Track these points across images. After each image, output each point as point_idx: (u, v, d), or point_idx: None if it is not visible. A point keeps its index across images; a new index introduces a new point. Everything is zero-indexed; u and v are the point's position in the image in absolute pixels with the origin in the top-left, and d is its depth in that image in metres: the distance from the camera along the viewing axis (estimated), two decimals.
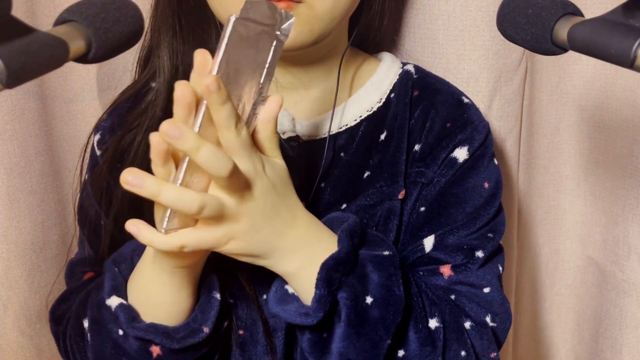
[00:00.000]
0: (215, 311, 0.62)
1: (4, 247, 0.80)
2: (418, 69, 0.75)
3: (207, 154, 0.48)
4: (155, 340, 0.61)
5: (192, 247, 0.53)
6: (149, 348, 0.61)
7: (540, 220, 0.97)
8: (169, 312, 0.62)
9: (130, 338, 0.61)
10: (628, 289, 0.90)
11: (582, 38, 0.44)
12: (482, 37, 0.80)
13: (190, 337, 0.61)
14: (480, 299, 0.67)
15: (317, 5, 0.61)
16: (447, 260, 0.67)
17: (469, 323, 0.66)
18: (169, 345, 0.61)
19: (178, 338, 0.61)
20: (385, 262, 0.61)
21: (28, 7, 0.79)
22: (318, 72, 0.71)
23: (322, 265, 0.58)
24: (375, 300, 0.59)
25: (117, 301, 0.62)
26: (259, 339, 0.69)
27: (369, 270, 0.60)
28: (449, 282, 0.67)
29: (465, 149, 0.69)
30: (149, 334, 0.60)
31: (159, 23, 0.68)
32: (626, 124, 0.87)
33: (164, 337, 0.61)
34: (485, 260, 0.68)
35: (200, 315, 0.62)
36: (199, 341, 0.61)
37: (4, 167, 0.78)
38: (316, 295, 0.57)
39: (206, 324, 0.61)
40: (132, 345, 0.62)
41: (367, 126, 0.71)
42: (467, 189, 0.69)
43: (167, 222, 0.52)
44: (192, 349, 0.62)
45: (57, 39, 0.41)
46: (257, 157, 0.54)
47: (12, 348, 0.83)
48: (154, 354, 0.62)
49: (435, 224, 0.68)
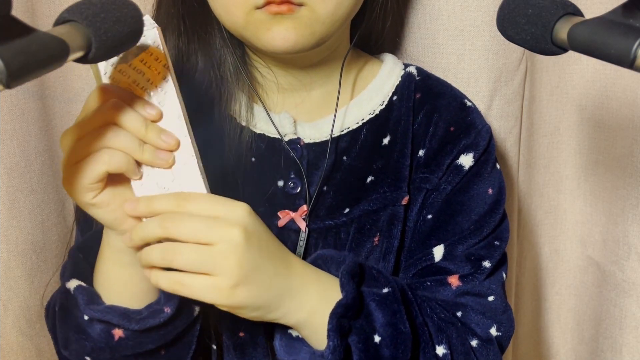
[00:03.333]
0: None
1: (4, 247, 0.80)
2: (420, 70, 0.75)
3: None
4: (113, 321, 0.60)
5: (192, 296, 0.54)
6: (111, 331, 0.61)
7: (540, 220, 0.97)
8: (130, 294, 0.62)
9: (93, 322, 0.61)
10: (628, 289, 0.90)
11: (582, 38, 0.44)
12: (482, 37, 0.80)
13: (150, 317, 0.60)
14: (485, 308, 0.67)
15: (318, 8, 0.61)
16: (455, 270, 0.67)
17: (476, 341, 0.66)
18: (127, 326, 0.60)
19: (137, 319, 0.60)
20: (388, 299, 0.61)
21: (28, 7, 0.79)
22: (320, 74, 0.71)
23: (332, 314, 0.57)
24: (384, 340, 0.59)
25: (76, 283, 0.62)
26: (259, 341, 0.69)
27: (372, 309, 0.60)
28: (457, 292, 0.67)
29: (470, 155, 0.69)
30: (106, 315, 0.60)
31: (164, 24, 0.68)
32: (626, 124, 0.87)
33: (122, 317, 0.60)
34: (492, 270, 0.68)
35: (163, 296, 0.62)
36: (159, 322, 0.61)
37: (4, 167, 0.78)
38: (330, 347, 0.57)
39: (168, 304, 0.61)
40: (95, 328, 0.61)
41: (370, 129, 0.71)
42: (473, 196, 0.69)
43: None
44: (155, 330, 0.61)
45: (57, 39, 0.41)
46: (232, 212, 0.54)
47: (12, 348, 0.83)
48: (115, 336, 0.61)
49: (443, 232, 0.68)
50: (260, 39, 0.61)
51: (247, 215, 0.54)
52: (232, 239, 0.53)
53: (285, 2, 0.59)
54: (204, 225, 0.53)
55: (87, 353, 0.62)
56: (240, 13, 0.61)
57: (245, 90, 0.70)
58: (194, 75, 0.68)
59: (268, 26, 0.60)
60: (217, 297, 0.54)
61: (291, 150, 0.68)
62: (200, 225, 0.53)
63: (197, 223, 0.53)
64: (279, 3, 0.59)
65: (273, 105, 0.71)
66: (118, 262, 0.61)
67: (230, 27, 0.65)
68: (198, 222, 0.53)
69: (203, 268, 0.53)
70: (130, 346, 0.61)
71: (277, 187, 0.69)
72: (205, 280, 0.53)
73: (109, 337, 0.61)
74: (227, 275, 0.53)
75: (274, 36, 0.60)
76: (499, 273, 0.69)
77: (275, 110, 0.71)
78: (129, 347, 0.61)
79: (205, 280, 0.53)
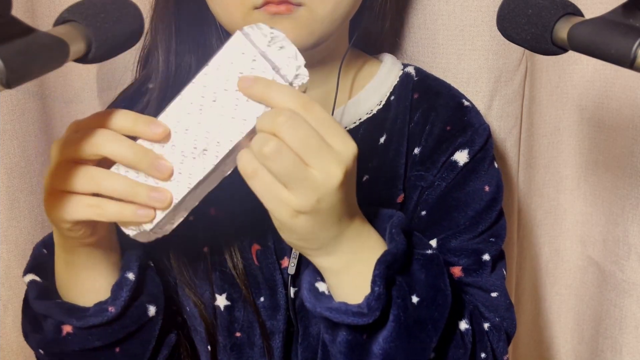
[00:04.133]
0: (125, 291, 0.61)
1: (4, 247, 0.80)
2: (419, 70, 0.75)
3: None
4: (55, 317, 0.61)
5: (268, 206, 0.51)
6: (61, 326, 0.61)
7: (540, 220, 0.97)
8: (81, 292, 0.62)
9: (47, 317, 0.62)
10: (628, 289, 0.90)
11: (582, 38, 0.44)
12: (482, 37, 0.80)
13: (94, 316, 0.60)
14: (489, 302, 0.67)
15: (317, 8, 0.60)
16: (454, 261, 0.67)
17: (488, 325, 0.66)
18: (69, 322, 0.60)
19: (80, 316, 0.60)
20: (432, 261, 0.60)
21: (28, 7, 0.79)
22: (318, 74, 0.71)
23: (379, 261, 0.55)
24: (423, 300, 0.58)
25: (30, 278, 0.63)
26: (256, 342, 0.69)
27: (415, 269, 0.59)
28: (459, 283, 0.67)
29: (465, 152, 0.69)
30: (49, 310, 0.61)
31: (157, 24, 0.68)
32: (626, 124, 0.87)
33: (65, 314, 0.60)
34: (493, 264, 0.68)
35: (110, 295, 0.61)
36: (102, 321, 0.60)
37: (4, 167, 0.78)
38: (375, 292, 0.54)
39: (114, 303, 0.61)
40: (47, 322, 0.62)
41: (367, 129, 0.71)
42: (468, 193, 0.68)
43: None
44: (99, 328, 0.61)
45: (57, 39, 0.41)
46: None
47: (12, 348, 0.83)
48: (63, 331, 0.61)
49: (437, 228, 0.68)
50: None
51: (353, 159, 0.51)
52: (329, 176, 0.50)
53: (283, 2, 0.59)
54: (315, 147, 0.49)
55: (40, 346, 0.63)
56: (238, 13, 0.61)
57: None
58: (186, 76, 0.68)
59: None
60: (280, 210, 0.51)
61: None
62: (313, 143, 0.49)
63: (312, 140, 0.49)
64: (278, 3, 0.59)
65: None
66: (66, 262, 0.61)
67: (228, 27, 0.64)
68: (313, 139, 0.49)
69: (289, 180, 0.50)
70: (76, 342, 0.62)
71: None
72: (281, 190, 0.50)
73: (57, 332, 0.61)
74: (301, 201, 0.50)
75: None
76: (499, 269, 0.69)
77: None
78: (75, 343, 0.62)
79: (281, 191, 0.50)
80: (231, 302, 0.68)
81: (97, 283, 0.62)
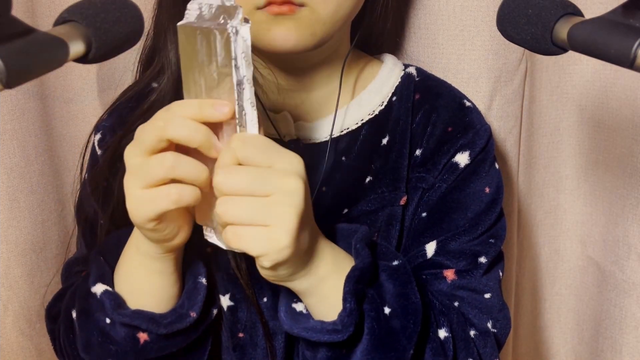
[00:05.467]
0: (202, 296, 0.62)
1: (4, 247, 0.80)
2: (420, 71, 0.75)
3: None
4: (142, 326, 0.60)
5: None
6: (136, 334, 0.61)
7: (540, 220, 0.97)
8: (156, 300, 0.62)
9: (117, 325, 0.61)
10: (628, 289, 0.90)
11: (582, 38, 0.44)
12: (482, 37, 0.80)
13: (177, 322, 0.61)
14: (481, 304, 0.67)
15: (319, 8, 0.60)
16: (450, 264, 0.67)
17: (474, 332, 0.66)
18: (155, 330, 0.60)
19: (165, 324, 0.60)
20: (399, 271, 0.61)
21: (28, 7, 0.79)
22: (320, 75, 0.71)
23: (348, 278, 0.56)
24: (394, 311, 0.59)
25: (102, 288, 0.62)
26: (259, 342, 0.69)
27: (383, 280, 0.60)
28: (452, 286, 0.67)
29: (466, 153, 0.69)
30: (134, 320, 0.60)
31: (165, 24, 0.68)
32: (626, 124, 0.87)
33: (151, 322, 0.60)
34: (489, 266, 0.68)
35: (187, 301, 0.62)
36: (186, 326, 0.61)
37: (4, 167, 0.78)
38: (346, 309, 0.56)
39: (193, 308, 0.61)
40: (120, 332, 0.61)
41: (369, 130, 0.71)
42: (468, 194, 0.68)
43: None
44: (180, 334, 0.62)
45: (57, 39, 0.41)
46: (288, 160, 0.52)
47: (12, 348, 0.83)
48: (141, 340, 0.61)
49: (437, 229, 0.68)
50: (261, 40, 0.61)
51: (302, 166, 0.52)
52: (290, 188, 0.50)
53: (286, 3, 0.59)
54: (260, 178, 0.50)
55: (110, 356, 0.62)
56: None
57: None
58: None
59: (269, 27, 0.60)
60: (270, 247, 0.51)
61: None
62: (256, 177, 0.50)
63: (253, 174, 0.50)
64: (280, 3, 0.59)
65: (273, 106, 0.71)
66: (144, 268, 0.60)
67: None
68: (254, 174, 0.50)
69: (258, 220, 0.50)
70: (154, 349, 0.62)
71: None
72: (259, 230, 0.50)
73: (134, 342, 0.61)
74: (284, 227, 0.50)
75: (274, 37, 0.60)
76: (495, 270, 0.69)
77: (275, 110, 0.71)
78: (153, 351, 0.62)
79: (260, 231, 0.50)
80: (234, 302, 0.68)
81: (169, 291, 0.62)
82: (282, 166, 0.51)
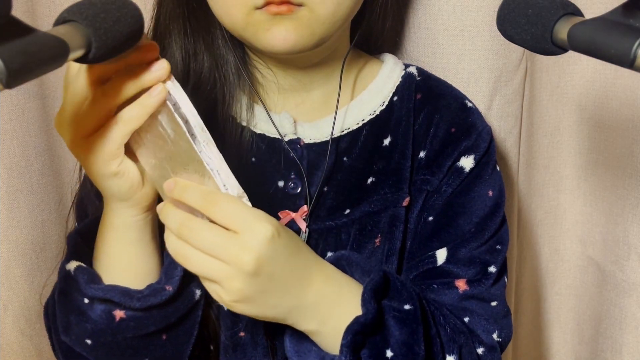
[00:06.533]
0: (179, 270, 0.62)
1: (4, 247, 0.80)
2: (421, 71, 0.75)
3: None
4: (114, 299, 0.60)
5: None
6: (112, 312, 0.61)
7: (540, 220, 0.97)
8: (133, 274, 0.62)
9: (95, 303, 0.61)
10: (628, 289, 0.90)
11: (582, 38, 0.44)
12: (482, 37, 0.80)
13: (152, 296, 0.61)
14: (488, 313, 0.68)
15: (318, 8, 0.60)
16: (462, 273, 0.67)
17: (482, 349, 0.67)
18: (129, 304, 0.60)
19: (139, 297, 0.61)
20: (408, 318, 0.60)
21: (28, 7, 0.79)
22: (320, 75, 0.71)
23: (348, 329, 0.56)
24: (396, 356, 0.59)
25: (75, 264, 0.63)
26: (260, 341, 0.69)
27: (390, 325, 0.59)
28: (463, 296, 0.67)
29: (471, 157, 0.69)
30: (107, 293, 0.60)
31: (169, 25, 0.68)
32: (626, 124, 0.87)
33: (124, 295, 0.60)
34: (498, 275, 0.69)
35: (164, 276, 0.62)
36: (161, 300, 0.61)
37: (4, 167, 0.78)
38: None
39: (169, 282, 0.61)
40: (96, 310, 0.61)
41: (370, 130, 0.71)
42: (473, 198, 0.69)
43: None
44: (156, 309, 0.61)
45: (57, 39, 0.41)
46: (260, 224, 0.53)
47: (12, 348, 0.83)
48: (117, 317, 0.61)
49: (445, 234, 0.68)
50: (260, 40, 0.61)
51: (266, 241, 0.52)
52: (241, 267, 0.51)
53: (285, 3, 0.59)
54: (218, 243, 0.52)
55: (87, 336, 0.62)
56: (239, 14, 0.61)
57: (246, 91, 0.70)
58: (200, 74, 0.68)
59: (268, 26, 0.60)
60: (219, 301, 0.54)
61: (291, 151, 0.68)
62: (215, 241, 0.52)
63: (212, 238, 0.52)
64: (279, 3, 0.59)
65: (273, 106, 0.71)
66: (124, 240, 0.61)
67: (230, 28, 0.64)
68: (214, 237, 0.52)
69: (209, 276, 0.53)
70: (131, 327, 0.62)
71: (278, 187, 0.69)
72: (210, 283, 0.54)
73: (110, 318, 0.61)
74: (229, 293, 0.53)
75: (273, 36, 0.60)
76: (502, 279, 0.70)
77: (275, 110, 0.71)
78: (130, 329, 0.62)
79: (210, 284, 0.54)
80: None
81: (148, 264, 0.62)
82: (246, 239, 0.52)
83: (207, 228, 0.52)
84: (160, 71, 0.53)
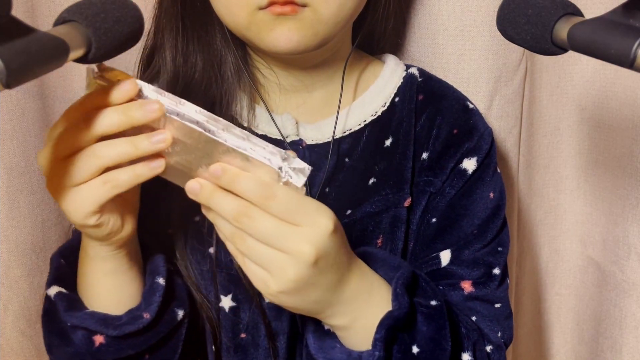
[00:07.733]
0: (157, 296, 0.61)
1: (4, 247, 0.80)
2: (422, 72, 0.75)
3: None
4: (91, 327, 0.60)
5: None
6: (92, 337, 0.61)
7: (540, 220, 0.97)
8: (114, 301, 0.62)
9: (77, 328, 0.61)
10: (628, 289, 0.90)
11: (582, 38, 0.44)
12: (482, 37, 0.80)
13: (129, 324, 0.60)
14: (492, 314, 0.68)
15: (321, 9, 0.60)
16: (466, 275, 0.67)
17: (490, 347, 0.67)
18: (106, 332, 0.60)
19: (116, 325, 0.60)
20: (436, 314, 0.60)
21: (28, 7, 0.79)
22: (321, 75, 0.71)
23: (381, 324, 0.56)
24: (423, 352, 0.59)
25: (56, 290, 0.63)
26: (261, 343, 0.69)
27: (419, 321, 0.60)
28: (468, 297, 0.67)
29: (474, 159, 0.69)
30: (84, 321, 0.60)
31: (163, 23, 0.68)
32: (626, 124, 0.87)
33: (100, 324, 0.60)
34: (502, 277, 0.69)
35: (143, 302, 0.62)
36: (138, 328, 0.61)
37: (4, 167, 0.78)
38: (374, 356, 0.56)
39: (148, 309, 0.61)
40: (77, 334, 0.61)
41: (372, 131, 0.71)
42: (475, 200, 0.69)
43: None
44: (134, 336, 0.61)
45: (57, 39, 0.41)
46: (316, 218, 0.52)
47: (12, 348, 0.83)
48: (96, 342, 0.61)
49: (448, 236, 0.69)
50: (263, 40, 0.61)
51: (326, 234, 0.51)
52: (300, 258, 0.51)
53: (288, 3, 0.59)
54: (279, 234, 0.50)
55: (68, 358, 0.63)
56: (243, 13, 0.61)
57: (247, 91, 0.70)
58: (193, 75, 0.68)
59: (271, 27, 0.60)
60: (263, 290, 0.53)
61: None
62: (275, 232, 0.50)
63: (273, 229, 0.50)
64: (283, 4, 0.59)
65: (275, 106, 0.71)
66: (100, 271, 0.61)
67: (232, 28, 0.64)
68: (274, 229, 0.50)
69: (263, 263, 0.51)
70: (110, 352, 0.62)
71: None
72: (260, 271, 0.52)
73: (89, 343, 0.61)
74: (279, 282, 0.51)
75: (277, 37, 0.60)
76: (506, 281, 0.70)
77: (277, 111, 0.71)
78: (109, 353, 0.62)
79: (260, 272, 0.52)
80: (237, 303, 0.68)
81: (127, 291, 0.62)
82: (308, 231, 0.51)
83: (268, 218, 0.50)
84: (154, 113, 0.51)
